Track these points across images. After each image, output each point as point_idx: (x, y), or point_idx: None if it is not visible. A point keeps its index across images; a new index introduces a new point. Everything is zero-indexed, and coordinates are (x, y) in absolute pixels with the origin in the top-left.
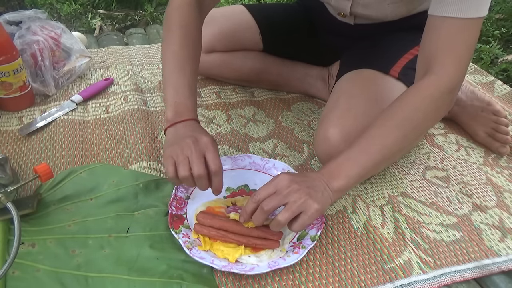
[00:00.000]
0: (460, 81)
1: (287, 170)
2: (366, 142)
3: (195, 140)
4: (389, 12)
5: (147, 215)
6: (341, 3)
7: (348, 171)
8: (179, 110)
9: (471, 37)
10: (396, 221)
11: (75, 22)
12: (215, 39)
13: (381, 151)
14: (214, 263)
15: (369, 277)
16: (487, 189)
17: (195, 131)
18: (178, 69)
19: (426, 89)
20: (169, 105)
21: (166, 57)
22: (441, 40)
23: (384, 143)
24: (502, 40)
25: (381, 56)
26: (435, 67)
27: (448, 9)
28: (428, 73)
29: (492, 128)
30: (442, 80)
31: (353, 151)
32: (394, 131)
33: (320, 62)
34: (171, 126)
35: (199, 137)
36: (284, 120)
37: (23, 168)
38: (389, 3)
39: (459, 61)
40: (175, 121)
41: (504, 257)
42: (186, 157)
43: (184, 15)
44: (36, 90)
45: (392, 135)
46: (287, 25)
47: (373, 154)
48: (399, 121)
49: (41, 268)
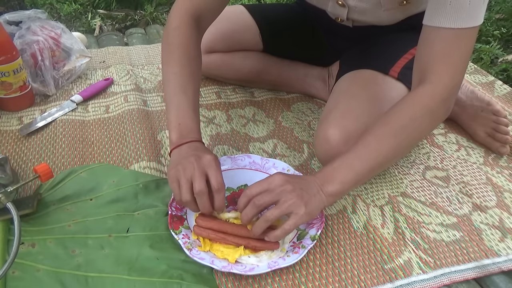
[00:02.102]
0: (455, 90)
1: (287, 169)
2: (362, 149)
3: (198, 158)
4: (385, 18)
5: (147, 215)
6: (337, 10)
7: (342, 177)
8: (183, 132)
9: (466, 46)
10: (396, 221)
11: (75, 22)
12: (215, 39)
13: (376, 158)
14: (214, 263)
15: (369, 277)
16: (487, 189)
17: (198, 150)
18: (180, 90)
19: (421, 98)
20: (173, 127)
21: (168, 79)
22: (436, 50)
23: (379, 150)
24: (502, 40)
25: (380, 56)
26: (430, 76)
27: (442, 20)
28: (423, 82)
29: (492, 128)
30: (437, 90)
31: (349, 157)
32: (390, 138)
33: (320, 62)
34: (175, 148)
35: (202, 155)
36: (284, 120)
37: (23, 168)
38: (384, 10)
39: (453, 71)
40: (180, 143)
41: (504, 257)
42: (189, 178)
43: (183, 35)
44: (36, 90)
45: (387, 143)
46: (287, 26)
47: (368, 160)
48: (394, 129)
49: (41, 268)
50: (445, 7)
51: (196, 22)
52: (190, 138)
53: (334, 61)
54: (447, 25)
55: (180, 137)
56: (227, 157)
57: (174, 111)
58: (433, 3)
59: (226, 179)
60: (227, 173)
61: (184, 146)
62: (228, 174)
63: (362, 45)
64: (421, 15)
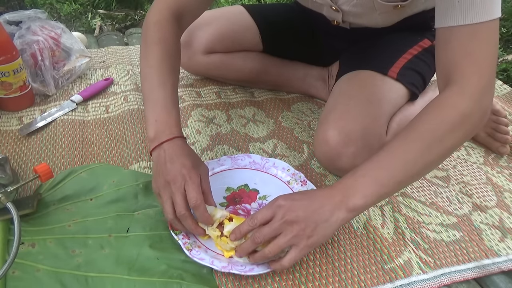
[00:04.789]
0: (487, 90)
1: (288, 169)
2: (386, 157)
3: (174, 177)
4: (380, 21)
5: (147, 215)
6: (332, 13)
7: (365, 190)
8: (159, 128)
9: (488, 42)
10: (396, 221)
11: (75, 22)
12: (215, 40)
13: (404, 167)
14: (214, 263)
15: (369, 277)
16: (487, 189)
17: (175, 159)
18: (158, 85)
19: (449, 99)
20: (149, 124)
21: (145, 74)
22: (455, 51)
23: (406, 157)
24: (502, 40)
25: (379, 57)
26: (455, 78)
27: (454, 19)
28: (449, 84)
29: (492, 128)
30: (465, 90)
31: (371, 167)
32: (417, 143)
33: (320, 62)
34: (154, 149)
35: (177, 170)
36: (284, 120)
37: (23, 168)
38: (379, 13)
39: (478, 69)
40: (158, 143)
41: (504, 257)
42: (170, 197)
43: (162, 30)
44: (36, 90)
45: (415, 148)
46: (287, 26)
47: (395, 170)
48: (421, 132)
49: (41, 268)
50: (453, 6)
51: (176, 19)
52: (169, 135)
53: (334, 61)
54: (460, 23)
55: (157, 134)
56: (227, 157)
57: (151, 107)
58: (441, 5)
59: (226, 179)
60: (227, 173)
61: (162, 147)
62: (228, 174)
63: (360, 45)
64: (417, 16)
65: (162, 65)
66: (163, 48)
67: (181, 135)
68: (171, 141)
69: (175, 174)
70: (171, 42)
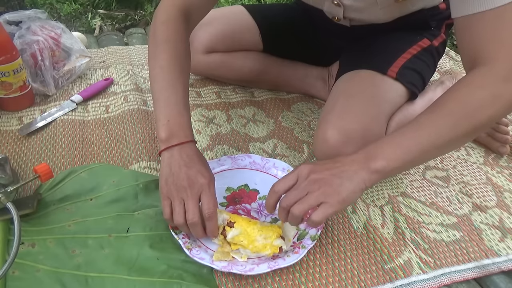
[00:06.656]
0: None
1: (288, 169)
2: (412, 127)
3: (191, 182)
4: (382, 15)
5: (147, 215)
6: (333, 9)
7: (388, 154)
8: (173, 130)
9: None
10: (396, 221)
11: (75, 22)
12: (215, 39)
13: (429, 138)
14: (214, 263)
15: (369, 277)
16: (487, 189)
17: (192, 165)
18: (168, 85)
19: (476, 77)
20: (162, 124)
21: (155, 74)
22: (481, 36)
23: (433, 130)
24: None
25: (378, 56)
26: (483, 60)
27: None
28: (477, 66)
29: (492, 128)
30: (494, 68)
31: (396, 135)
32: (446, 118)
33: (320, 62)
34: (166, 149)
35: (195, 177)
36: (284, 120)
37: (23, 168)
38: (381, 8)
39: (507, 50)
40: (170, 144)
41: (504, 257)
42: (182, 201)
43: (170, 30)
44: (36, 90)
45: (442, 122)
46: (287, 26)
47: (420, 138)
48: (450, 108)
49: (41, 268)
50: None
51: (184, 17)
52: (181, 139)
53: (334, 61)
54: (483, 8)
55: (170, 135)
56: (227, 157)
57: (163, 107)
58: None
59: (226, 179)
60: (227, 173)
61: (176, 149)
62: (228, 174)
63: (360, 45)
64: (417, 14)
65: (172, 65)
66: (172, 47)
67: (194, 139)
68: (186, 145)
69: (192, 181)
70: (180, 41)
